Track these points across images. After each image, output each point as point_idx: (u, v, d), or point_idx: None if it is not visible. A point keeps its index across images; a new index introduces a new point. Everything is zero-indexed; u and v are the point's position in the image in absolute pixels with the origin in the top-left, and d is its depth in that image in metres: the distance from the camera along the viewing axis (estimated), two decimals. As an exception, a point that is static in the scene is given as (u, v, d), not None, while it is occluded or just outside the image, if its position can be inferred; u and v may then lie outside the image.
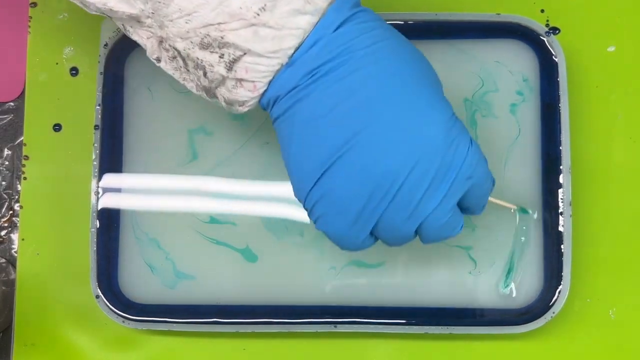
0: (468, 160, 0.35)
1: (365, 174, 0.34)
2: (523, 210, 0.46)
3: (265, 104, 0.36)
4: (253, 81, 0.35)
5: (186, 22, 0.34)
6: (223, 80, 0.35)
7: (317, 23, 0.34)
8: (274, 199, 0.47)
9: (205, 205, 0.48)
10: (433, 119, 0.35)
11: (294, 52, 0.34)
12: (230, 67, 0.34)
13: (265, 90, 0.35)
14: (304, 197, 0.37)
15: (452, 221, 0.37)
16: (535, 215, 0.46)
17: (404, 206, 0.35)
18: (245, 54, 0.34)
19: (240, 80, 0.35)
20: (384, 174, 0.34)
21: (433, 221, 0.36)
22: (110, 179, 0.47)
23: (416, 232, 0.37)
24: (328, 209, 0.36)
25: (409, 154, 0.34)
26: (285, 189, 0.47)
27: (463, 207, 0.38)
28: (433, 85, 0.36)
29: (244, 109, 0.37)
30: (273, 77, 0.35)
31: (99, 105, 0.47)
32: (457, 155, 0.35)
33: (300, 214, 0.47)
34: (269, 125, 0.48)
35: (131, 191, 0.48)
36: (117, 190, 0.48)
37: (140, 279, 0.47)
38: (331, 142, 0.35)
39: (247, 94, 0.35)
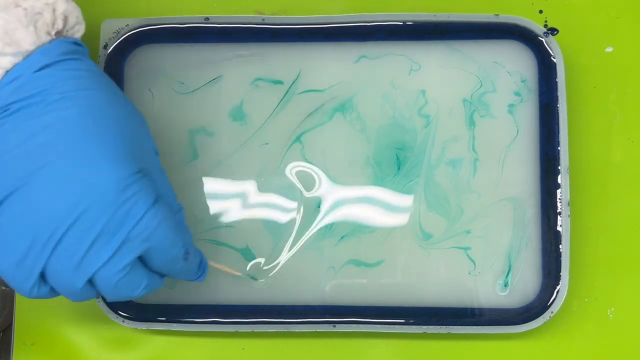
0: (144, 223, 0.35)
1: (32, 215, 0.34)
2: (251, 277, 0.47)
3: None
4: None
5: None
6: None
7: (19, 62, 0.35)
8: (273, 199, 0.47)
9: (205, 205, 0.48)
10: (106, 174, 0.35)
11: None
12: None
13: None
14: None
15: (128, 281, 0.36)
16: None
17: (69, 255, 0.35)
18: None
19: None
20: (48, 218, 0.34)
21: (104, 278, 0.36)
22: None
23: (95, 288, 0.37)
24: None
25: (74, 204, 0.34)
26: (284, 189, 0.48)
27: (154, 269, 0.38)
28: (125, 142, 0.36)
29: None
30: None
31: (99, 105, 0.47)
32: (130, 215, 0.35)
33: (299, 215, 0.47)
34: (268, 126, 0.48)
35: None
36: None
37: (140, 279, 0.48)
38: (8, 177, 0.35)
39: None
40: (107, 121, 0.36)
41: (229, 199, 0.48)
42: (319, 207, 0.47)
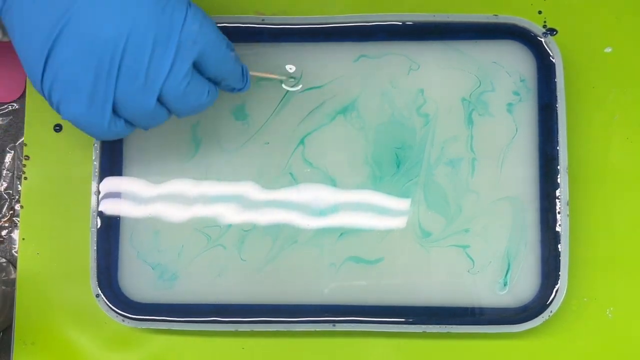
0: (188, 25, 0.36)
1: (85, 46, 0.35)
2: (292, 78, 0.48)
3: None
4: None
5: None
6: None
7: None
8: (274, 197, 0.48)
9: (205, 204, 0.48)
10: None
11: None
12: None
13: None
14: (39, 85, 0.37)
15: (193, 88, 0.38)
16: (299, 87, 0.48)
17: (133, 75, 0.36)
18: None
19: None
20: (102, 44, 0.35)
21: (171, 89, 0.37)
22: (110, 182, 0.48)
23: (165, 107, 0.38)
24: (63, 92, 0.36)
25: (121, 22, 0.35)
26: (284, 187, 0.48)
27: (212, 78, 0.40)
28: None
29: None
30: None
31: (99, 105, 0.47)
32: (174, 20, 0.36)
33: (299, 213, 0.47)
34: (269, 126, 0.48)
35: (131, 191, 0.48)
36: (117, 192, 0.48)
37: (140, 278, 0.48)
38: (48, 20, 0.35)
39: None
40: None
41: (228, 198, 0.48)
42: (319, 205, 0.47)
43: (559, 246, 0.45)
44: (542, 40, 0.47)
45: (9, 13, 0.36)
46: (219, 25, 0.47)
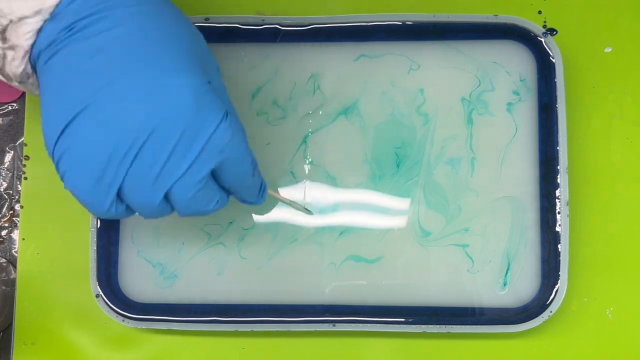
0: (219, 133, 0.35)
1: (106, 130, 0.34)
2: (306, 210, 0.47)
3: (33, 63, 0.36)
4: (22, 45, 0.35)
5: None
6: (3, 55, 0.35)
7: None
8: (273, 197, 0.48)
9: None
10: (181, 83, 0.34)
11: (55, 8, 0.34)
12: (3, 37, 0.35)
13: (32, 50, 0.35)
14: (51, 150, 0.36)
15: (203, 195, 0.36)
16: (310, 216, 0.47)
17: (146, 169, 0.34)
18: (11, 21, 0.34)
19: (14, 47, 0.35)
20: (124, 132, 0.33)
21: (181, 191, 0.35)
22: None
23: (170, 203, 0.37)
24: (72, 165, 0.35)
25: (150, 115, 0.33)
26: (285, 187, 0.48)
27: (226, 187, 0.38)
28: (192, 54, 0.36)
29: (18, 77, 0.36)
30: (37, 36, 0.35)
31: (100, 105, 0.47)
32: (206, 125, 0.34)
33: (299, 212, 0.47)
34: (269, 127, 0.48)
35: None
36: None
37: (140, 278, 0.48)
38: (76, 95, 0.34)
39: (19, 60, 0.35)
40: (174, 33, 0.35)
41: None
42: (319, 204, 0.47)
43: (559, 246, 0.45)
44: (542, 40, 0.47)
45: (46, 73, 0.35)
46: (219, 25, 0.48)
